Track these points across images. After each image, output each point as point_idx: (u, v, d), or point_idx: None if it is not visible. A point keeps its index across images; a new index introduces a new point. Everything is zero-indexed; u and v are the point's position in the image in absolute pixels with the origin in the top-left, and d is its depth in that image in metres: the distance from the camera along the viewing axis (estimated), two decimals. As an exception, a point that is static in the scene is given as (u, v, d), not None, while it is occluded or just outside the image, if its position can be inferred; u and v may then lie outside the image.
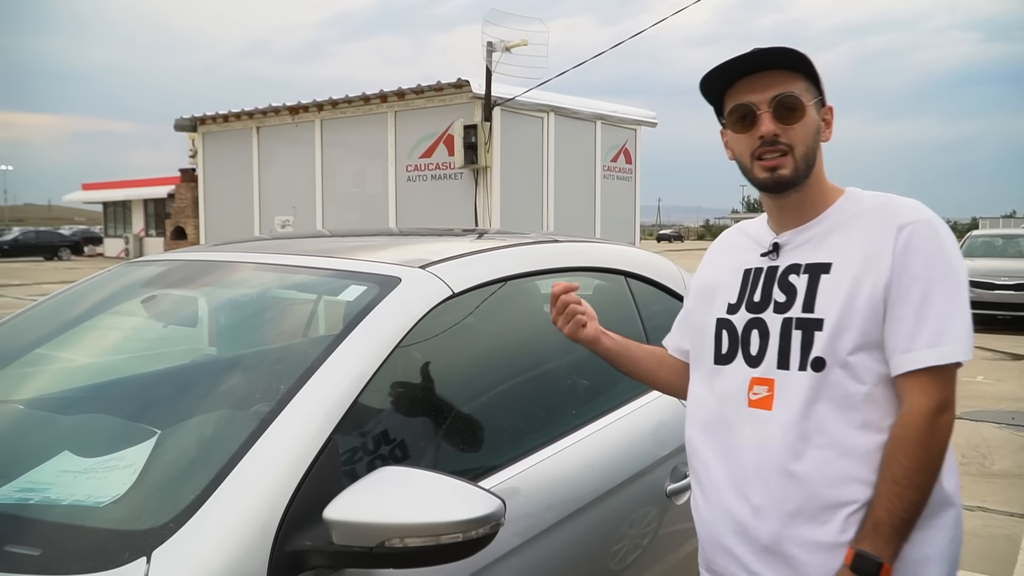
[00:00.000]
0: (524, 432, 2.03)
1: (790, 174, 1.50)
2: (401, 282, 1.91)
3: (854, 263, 1.46)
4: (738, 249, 1.68)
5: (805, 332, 1.47)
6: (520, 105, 8.11)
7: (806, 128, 1.50)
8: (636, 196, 9.73)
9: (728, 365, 1.59)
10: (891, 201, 1.52)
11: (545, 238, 2.60)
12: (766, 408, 1.50)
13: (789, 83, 1.49)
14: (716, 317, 1.62)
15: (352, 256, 2.17)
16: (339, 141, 9.25)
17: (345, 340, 1.73)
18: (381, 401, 1.78)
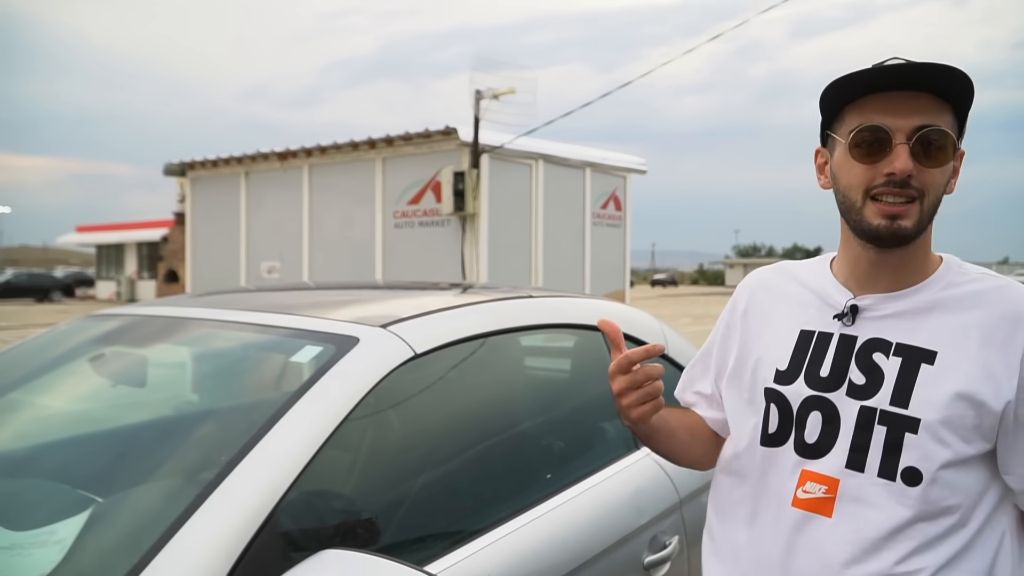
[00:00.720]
0: (491, 502, 1.91)
1: (912, 227, 1.19)
2: (359, 342, 1.81)
3: (968, 360, 1.18)
4: (788, 300, 1.37)
5: (892, 430, 1.19)
6: (509, 152, 8.09)
7: (943, 174, 1.21)
8: (626, 242, 9.69)
9: (775, 448, 1.28)
10: (1012, 287, 1.24)
11: (519, 293, 2.50)
12: (823, 513, 1.21)
13: (937, 114, 1.19)
14: (764, 386, 1.31)
15: (312, 313, 2.07)
16: (327, 187, 9.22)
17: (295, 405, 1.62)
18: (334, 472, 1.67)
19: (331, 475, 1.67)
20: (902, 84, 1.18)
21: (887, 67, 1.18)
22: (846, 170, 1.23)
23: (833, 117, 1.27)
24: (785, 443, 1.27)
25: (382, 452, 1.85)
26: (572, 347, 2.68)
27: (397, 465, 1.87)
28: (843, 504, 1.20)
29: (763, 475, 1.30)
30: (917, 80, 1.18)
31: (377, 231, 8.63)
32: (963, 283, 1.25)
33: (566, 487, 2.02)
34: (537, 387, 2.54)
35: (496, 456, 2.05)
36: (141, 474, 1.72)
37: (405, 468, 1.88)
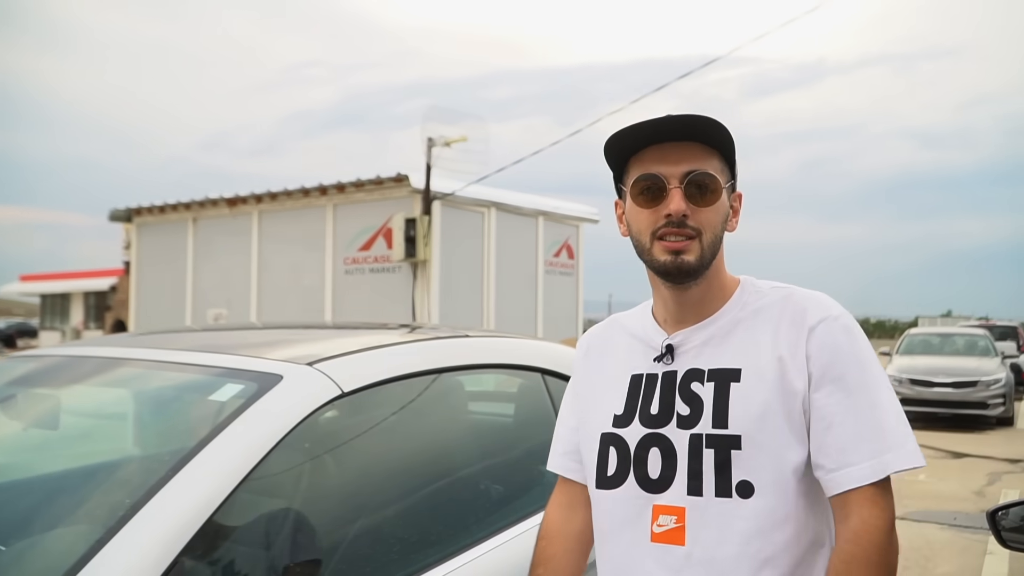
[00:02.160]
0: (420, 547, 1.83)
1: (695, 261, 1.30)
2: (282, 380, 1.74)
3: (765, 368, 1.29)
4: (618, 350, 1.46)
5: (719, 451, 1.27)
6: (461, 200, 8.11)
7: (717, 213, 1.33)
8: (579, 291, 9.71)
9: (615, 490, 1.34)
10: (794, 294, 1.36)
11: (455, 333, 2.45)
12: (676, 542, 1.27)
13: (705, 160, 1.32)
14: (600, 432, 1.38)
15: (238, 352, 1.99)
16: (277, 233, 9.12)
17: (207, 446, 1.55)
18: (248, 516, 1.58)
19: (246, 519, 1.58)
20: (672, 136, 1.31)
21: (654, 120, 1.29)
22: (635, 216, 1.35)
23: (621, 171, 1.38)
24: (624, 483, 1.33)
25: (306, 495, 1.77)
26: (515, 391, 2.63)
27: (321, 509, 1.79)
28: (692, 530, 1.26)
29: (612, 518, 1.35)
30: (683, 131, 1.30)
31: (327, 278, 8.53)
32: (756, 300, 1.37)
33: (500, 531, 1.95)
34: (474, 430, 2.48)
35: (427, 499, 1.98)
36: (45, 522, 1.62)
37: (330, 512, 1.80)
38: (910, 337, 15.23)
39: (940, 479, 8.47)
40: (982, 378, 12.28)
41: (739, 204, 1.41)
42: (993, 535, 2.12)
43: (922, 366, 12.88)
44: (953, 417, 12.49)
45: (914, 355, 13.84)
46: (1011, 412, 12.57)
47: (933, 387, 12.44)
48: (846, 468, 1.25)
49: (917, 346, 14.59)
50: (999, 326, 19.61)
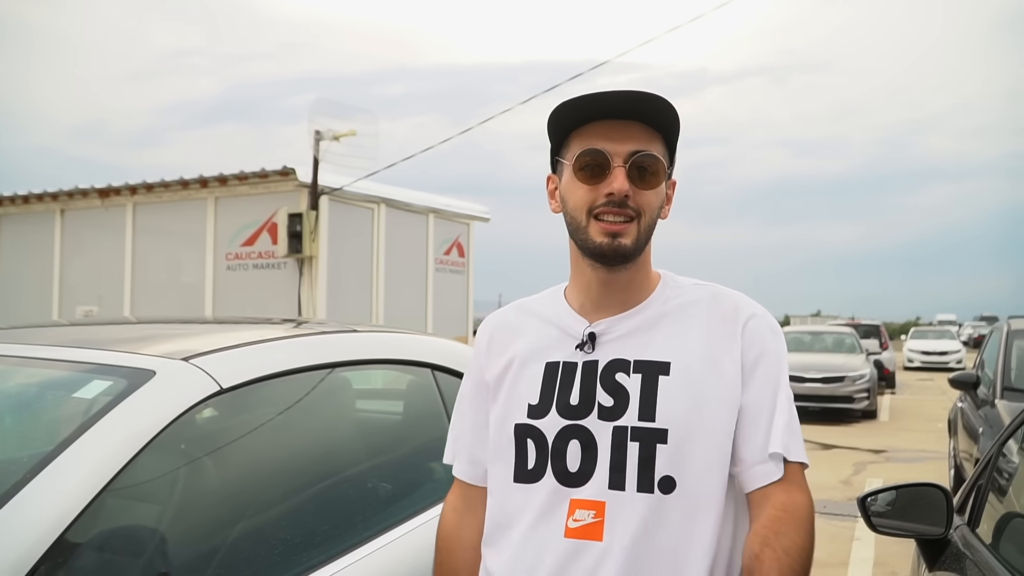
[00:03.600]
0: (303, 548, 1.76)
1: (631, 244, 1.26)
2: (155, 376, 1.64)
3: (696, 363, 1.27)
4: (528, 336, 1.38)
5: (645, 445, 1.23)
6: (350, 195, 7.94)
7: (657, 196, 1.29)
8: (469, 289, 9.71)
9: (534, 484, 1.28)
10: (723, 292, 1.36)
11: (343, 328, 2.38)
12: (594, 538, 1.21)
13: (650, 141, 1.28)
14: (514, 423, 1.31)
15: (105, 347, 1.87)
16: (154, 227, 8.68)
17: (68, 448, 1.44)
18: (120, 518, 1.48)
19: (117, 522, 1.48)
20: (618, 113, 1.26)
21: (605, 94, 1.24)
22: (572, 192, 1.29)
23: (560, 144, 1.33)
24: (543, 477, 1.27)
25: (180, 498, 1.67)
26: (404, 388, 2.58)
27: (197, 512, 1.69)
28: (611, 525, 1.21)
29: (529, 514, 1.27)
30: (630, 109, 1.26)
31: (208, 274, 8.18)
32: (681, 294, 1.35)
33: (388, 529, 1.90)
34: (362, 427, 2.41)
35: (312, 499, 1.91)
36: None
37: (207, 515, 1.71)
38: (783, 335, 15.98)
39: (810, 469, 8.89)
40: (849, 374, 13.04)
41: (673, 191, 1.38)
42: (864, 519, 2.23)
43: (794, 363, 13.54)
44: (822, 411, 13.20)
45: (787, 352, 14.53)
46: (874, 406, 13.40)
47: (804, 382, 13.11)
48: (767, 462, 1.25)
49: (790, 344, 15.33)
50: (864, 325, 20.74)
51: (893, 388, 18.40)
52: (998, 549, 1.92)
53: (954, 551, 2.10)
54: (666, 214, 1.36)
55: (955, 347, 26.32)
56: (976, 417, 6.11)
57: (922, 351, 26.40)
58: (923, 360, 25.99)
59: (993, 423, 5.56)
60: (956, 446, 6.90)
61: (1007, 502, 2.15)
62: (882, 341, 19.12)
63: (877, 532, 2.20)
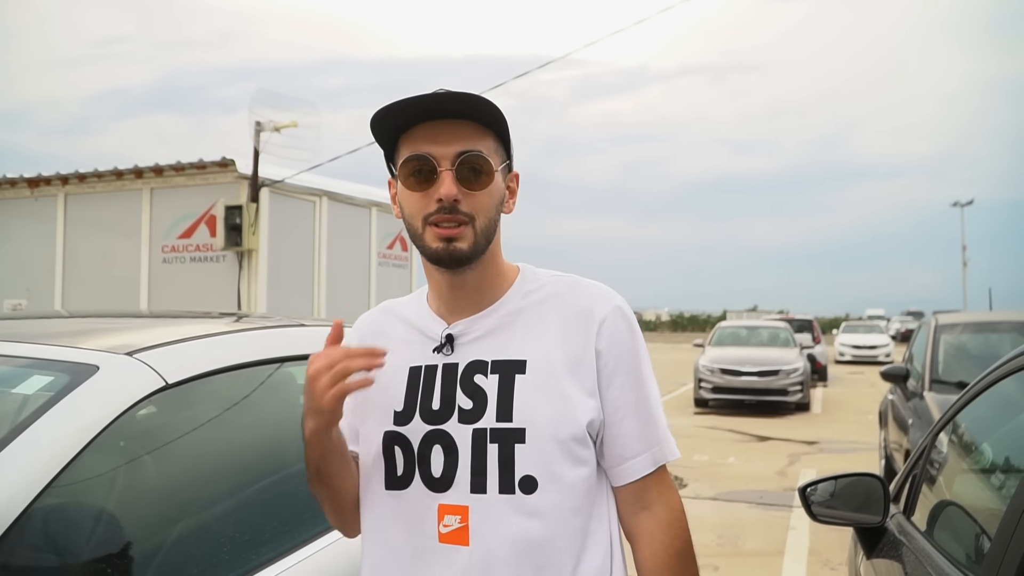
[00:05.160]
0: (251, 546, 1.74)
1: (468, 248, 1.22)
2: (98, 371, 1.59)
3: (553, 359, 1.25)
4: (395, 340, 1.34)
5: (503, 446, 1.21)
6: (291, 188, 7.81)
7: (491, 196, 1.25)
8: (412, 284, 9.64)
9: (404, 490, 1.26)
10: (578, 284, 1.34)
11: (289, 322, 2.35)
12: (461, 543, 1.20)
13: (477, 139, 1.24)
14: (384, 430, 1.28)
15: (44, 341, 1.80)
16: (86, 219, 8.41)
17: (8, 447, 1.38)
18: (59, 519, 1.43)
19: (59, 521, 1.43)
20: (443, 113, 1.22)
21: (423, 97, 1.19)
22: (405, 200, 1.25)
23: (392, 149, 1.28)
24: (411, 483, 1.25)
25: (127, 493, 1.63)
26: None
27: (140, 510, 1.65)
28: (476, 529, 1.20)
29: (402, 521, 1.25)
30: (454, 109, 1.22)
31: (143, 266, 7.95)
32: (538, 288, 1.32)
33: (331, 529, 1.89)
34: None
35: (260, 496, 1.88)
36: None
37: (150, 513, 1.67)
38: (721, 330, 16.31)
39: (747, 461, 9.13)
40: (783, 367, 13.38)
41: (516, 184, 1.35)
42: (804, 508, 2.29)
43: (731, 356, 13.84)
44: (758, 403, 13.52)
45: (724, 346, 14.85)
46: (808, 398, 13.78)
47: (741, 376, 13.41)
48: (639, 456, 1.27)
49: (727, 338, 15.66)
50: (797, 320, 21.24)
51: (825, 381, 18.96)
52: (932, 536, 1.99)
53: (891, 538, 2.17)
54: (510, 208, 1.33)
55: (884, 341, 27.25)
56: (906, 409, 6.33)
57: (853, 345, 27.26)
58: (854, 354, 26.84)
59: (922, 414, 5.76)
60: (887, 437, 7.13)
61: (940, 491, 2.24)
62: (815, 335, 19.65)
63: (817, 521, 2.27)
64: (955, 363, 6.32)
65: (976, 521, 1.89)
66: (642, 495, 1.29)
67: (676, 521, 1.29)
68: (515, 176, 1.34)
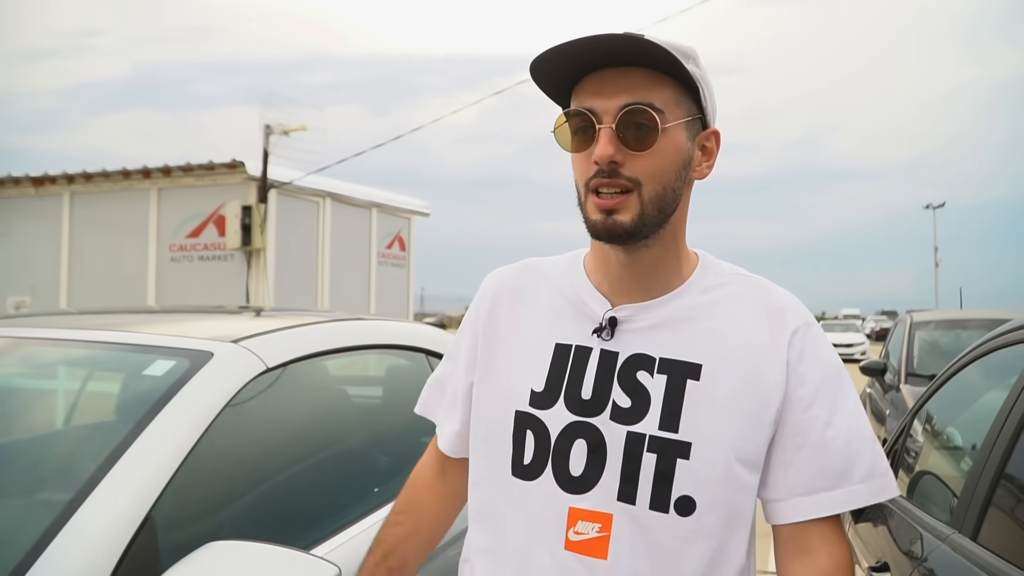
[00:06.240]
0: (343, 504, 2.04)
1: (630, 222, 1.05)
2: (213, 356, 1.89)
3: (732, 369, 1.08)
4: (539, 307, 1.19)
5: (663, 458, 1.06)
6: (296, 189, 8.09)
7: (663, 157, 1.06)
8: (410, 283, 9.95)
9: (532, 482, 1.11)
10: (768, 288, 1.17)
11: (349, 316, 2.65)
12: (597, 555, 1.06)
13: (649, 90, 1.04)
14: (515, 409, 1.13)
15: (157, 331, 2.10)
16: (92, 217, 8.62)
17: (159, 415, 1.68)
18: (201, 476, 1.73)
19: (198, 481, 1.73)
20: (610, 60, 1.05)
21: (583, 40, 1.02)
22: (573, 162, 1.11)
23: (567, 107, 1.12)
24: (540, 476, 1.10)
25: (243, 458, 1.92)
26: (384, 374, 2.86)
27: (256, 471, 1.95)
28: (618, 543, 1.06)
29: (524, 516, 1.12)
30: (621, 54, 1.04)
31: (150, 265, 8.19)
32: (720, 285, 1.16)
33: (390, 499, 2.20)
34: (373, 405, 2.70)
35: (342, 463, 2.19)
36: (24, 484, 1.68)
37: (263, 473, 1.97)
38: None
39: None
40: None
41: (715, 144, 1.15)
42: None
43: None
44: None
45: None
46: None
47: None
48: (815, 495, 1.09)
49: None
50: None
51: (804, 378, 19.40)
52: (911, 499, 2.33)
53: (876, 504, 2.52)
54: (703, 174, 1.14)
55: (860, 339, 27.89)
56: (883, 401, 6.72)
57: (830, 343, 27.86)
58: (831, 352, 27.44)
59: (898, 405, 6.15)
60: (864, 428, 7.52)
61: (916, 463, 2.58)
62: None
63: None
64: (928, 358, 6.72)
65: (946, 485, 2.23)
66: (802, 539, 1.11)
67: (839, 573, 1.09)
68: (712, 134, 1.14)
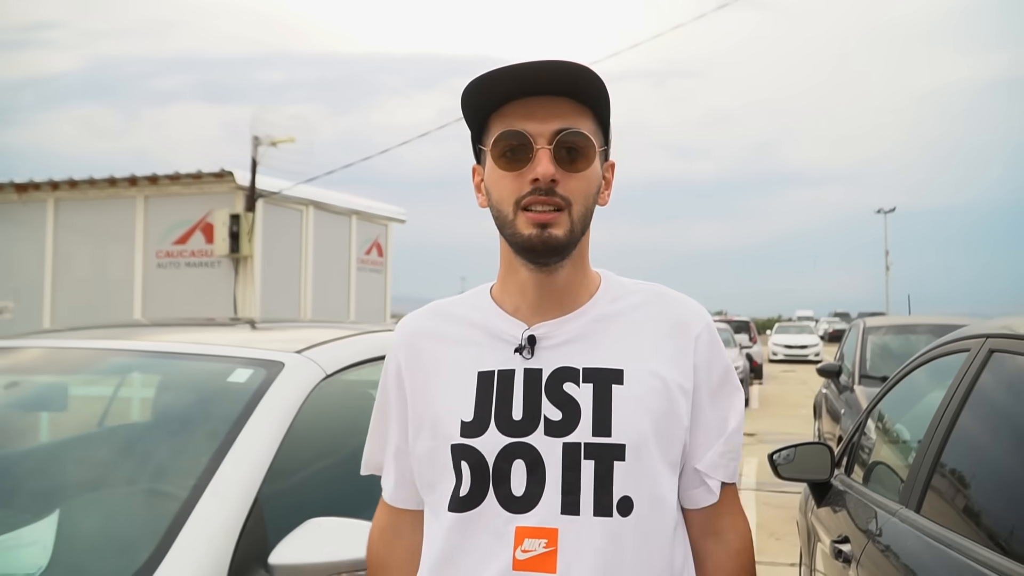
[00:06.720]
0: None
1: (563, 236, 1.12)
2: (284, 366, 2.21)
3: (649, 372, 1.16)
4: (453, 342, 1.22)
5: (600, 463, 1.11)
6: (281, 197, 8.35)
7: (588, 182, 1.14)
8: (387, 288, 10.25)
9: (471, 512, 1.13)
10: (667, 295, 1.26)
11: (383, 327, 2.99)
12: (546, 570, 1.09)
13: (576, 118, 1.13)
14: (450, 444, 1.15)
15: (228, 342, 2.42)
16: (77, 224, 8.77)
17: (252, 416, 1.99)
18: (288, 465, 2.05)
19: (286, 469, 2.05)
20: (539, 88, 1.12)
21: (517, 67, 1.09)
22: (495, 182, 1.15)
23: (481, 130, 1.19)
24: (481, 503, 1.13)
25: (316, 452, 2.25)
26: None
27: (327, 462, 2.28)
28: (566, 554, 1.09)
29: (468, 547, 1.13)
30: (553, 83, 1.12)
31: (137, 271, 8.38)
32: (625, 295, 1.24)
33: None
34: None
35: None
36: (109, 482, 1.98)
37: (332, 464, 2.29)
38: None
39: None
40: (726, 366, 14.31)
41: (612, 175, 1.24)
42: (772, 469, 3.02)
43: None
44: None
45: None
46: (746, 395, 14.76)
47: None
48: (713, 477, 1.21)
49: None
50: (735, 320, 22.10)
51: (761, 379, 20.03)
52: (866, 484, 2.75)
53: (836, 490, 2.93)
54: (604, 200, 1.22)
55: (814, 341, 28.76)
56: (838, 401, 7.22)
57: (785, 345, 28.67)
58: (786, 353, 28.25)
59: (852, 405, 6.64)
60: (821, 427, 8.02)
61: (871, 454, 3.00)
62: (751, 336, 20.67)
63: (781, 478, 3.01)
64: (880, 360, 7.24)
65: (895, 472, 2.65)
66: (713, 520, 1.23)
67: (746, 551, 1.24)
68: (611, 165, 1.24)
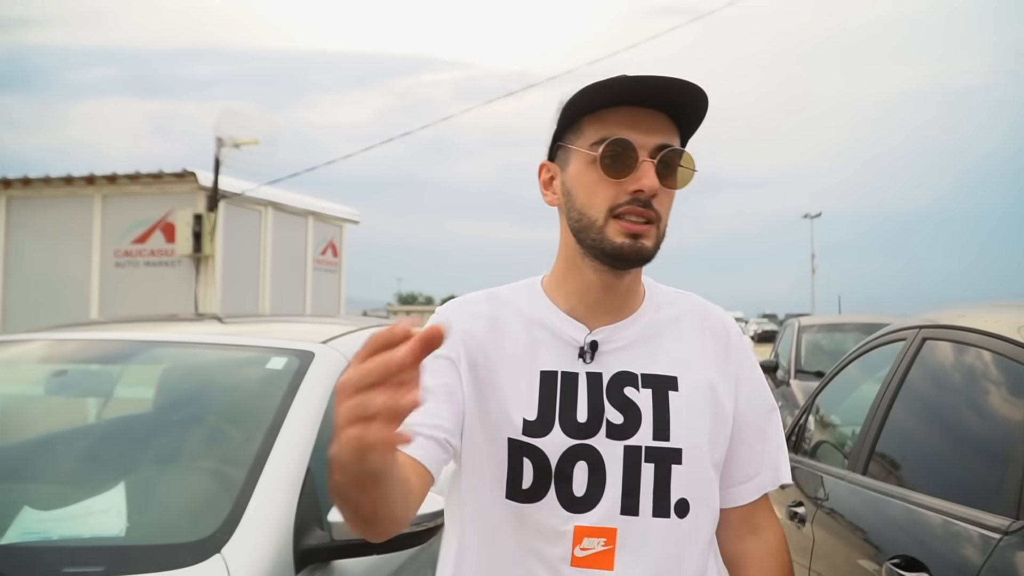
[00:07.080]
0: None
1: (652, 248, 1.14)
2: (315, 356, 2.47)
3: (698, 380, 1.21)
4: (515, 335, 1.21)
5: (660, 466, 1.15)
6: (242, 198, 8.47)
7: (673, 199, 1.17)
8: (341, 288, 10.44)
9: (531, 504, 1.15)
10: (705, 306, 1.30)
11: (389, 321, 3.27)
12: (604, 567, 1.12)
13: (672, 135, 1.14)
14: (507, 437, 1.16)
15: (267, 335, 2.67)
16: (30, 223, 8.72)
17: (296, 397, 2.25)
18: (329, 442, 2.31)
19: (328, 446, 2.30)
20: (646, 100, 1.12)
21: (640, 79, 1.09)
22: (587, 186, 1.14)
23: (568, 128, 1.17)
24: (542, 499, 1.14)
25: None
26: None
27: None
28: (623, 553, 1.13)
29: (521, 537, 1.16)
30: (663, 97, 1.12)
31: (94, 270, 8.37)
32: (667, 303, 1.27)
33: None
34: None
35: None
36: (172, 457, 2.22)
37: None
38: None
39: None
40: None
41: None
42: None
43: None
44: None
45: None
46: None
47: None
48: (756, 477, 1.26)
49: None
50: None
51: (697, 377, 20.68)
52: (813, 458, 3.17)
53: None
54: None
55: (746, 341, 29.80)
56: (775, 394, 7.77)
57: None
58: (719, 353, 29.20)
59: (788, 398, 7.18)
60: (758, 419, 8.55)
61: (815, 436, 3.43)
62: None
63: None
64: (813, 356, 7.81)
65: (840, 447, 3.06)
66: (751, 518, 1.28)
67: (783, 546, 1.28)
68: None
